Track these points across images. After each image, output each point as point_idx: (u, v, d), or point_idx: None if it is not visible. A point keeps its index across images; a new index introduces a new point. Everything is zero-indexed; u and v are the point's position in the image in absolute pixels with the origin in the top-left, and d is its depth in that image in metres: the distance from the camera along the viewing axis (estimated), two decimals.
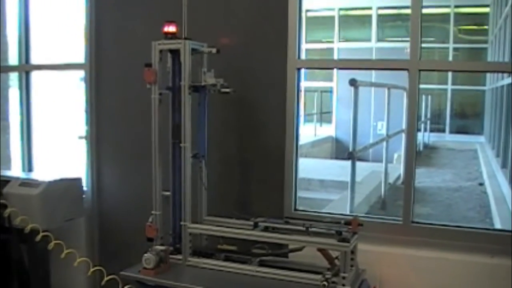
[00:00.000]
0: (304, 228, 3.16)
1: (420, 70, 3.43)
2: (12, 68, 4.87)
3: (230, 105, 3.79)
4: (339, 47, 16.18)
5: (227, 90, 3.34)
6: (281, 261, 3.24)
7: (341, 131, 15.00)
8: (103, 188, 4.42)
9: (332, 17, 16.24)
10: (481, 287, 3.24)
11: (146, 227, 3.29)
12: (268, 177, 3.82)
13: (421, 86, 3.51)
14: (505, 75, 8.81)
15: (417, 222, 3.54)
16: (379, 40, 16.01)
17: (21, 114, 4.89)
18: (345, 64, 4.89)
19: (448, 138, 16.09)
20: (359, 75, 6.96)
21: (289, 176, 3.75)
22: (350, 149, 7.11)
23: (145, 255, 3.07)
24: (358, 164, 7.48)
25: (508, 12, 9.21)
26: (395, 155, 11.76)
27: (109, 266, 3.37)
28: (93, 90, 4.37)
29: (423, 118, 14.57)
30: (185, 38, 3.21)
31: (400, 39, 14.25)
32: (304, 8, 3.76)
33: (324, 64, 6.02)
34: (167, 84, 3.28)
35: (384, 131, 10.13)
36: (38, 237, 3.59)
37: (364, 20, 16.35)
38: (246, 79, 3.76)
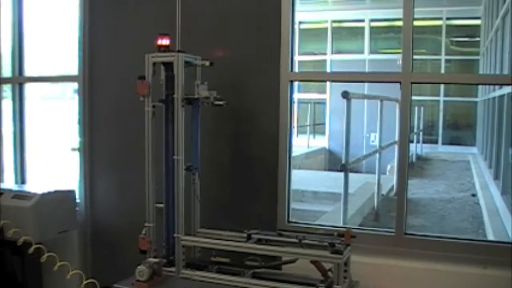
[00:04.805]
0: (297, 240, 3.17)
1: (412, 83, 3.46)
2: (5, 80, 4.87)
3: (223, 118, 3.80)
4: (332, 59, 16.23)
5: (220, 102, 3.35)
6: (274, 273, 3.24)
7: (334, 143, 15.00)
8: (96, 200, 4.41)
9: (325, 29, 16.31)
10: None
11: (139, 240, 3.29)
12: (261, 189, 3.83)
13: (414, 97, 3.53)
14: (497, 86, 8.86)
15: (410, 234, 3.56)
16: (371, 52, 16.08)
17: (14, 125, 4.88)
18: (337, 77, 4.92)
19: (440, 149, 16.12)
20: (352, 87, 6.99)
21: (282, 188, 3.76)
22: (343, 161, 7.11)
23: (139, 267, 3.07)
24: (351, 175, 7.48)
25: (499, 24, 9.28)
26: (388, 166, 11.77)
27: (102, 278, 3.38)
28: (87, 102, 4.37)
29: (415, 130, 14.62)
30: (179, 51, 3.22)
31: (392, 50, 14.33)
32: (297, 20, 3.78)
33: (317, 76, 6.06)
34: (160, 97, 3.29)
35: (377, 143, 10.15)
36: (31, 250, 3.59)
37: (357, 32, 16.43)
38: (239, 91, 3.78)
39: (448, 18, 15.58)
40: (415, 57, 3.49)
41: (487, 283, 3.24)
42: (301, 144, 14.25)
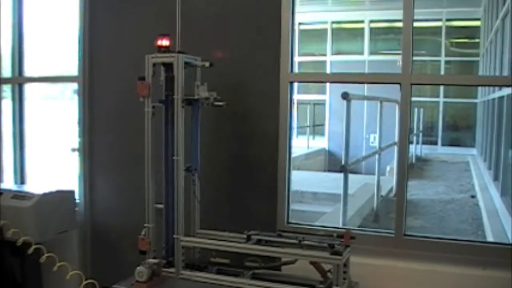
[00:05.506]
0: (297, 241, 3.16)
1: (412, 84, 3.46)
2: (5, 80, 4.87)
3: (223, 118, 3.80)
4: (332, 60, 16.24)
5: (220, 103, 3.35)
6: (273, 274, 3.24)
7: (334, 144, 15.01)
8: (96, 200, 4.41)
9: (325, 30, 16.32)
10: None
11: (139, 240, 3.29)
12: (261, 190, 3.83)
13: (413, 98, 3.53)
14: (496, 88, 8.86)
15: (410, 235, 3.55)
16: (371, 53, 16.08)
17: (14, 126, 4.88)
18: (337, 78, 4.91)
19: (440, 151, 16.13)
20: (351, 88, 7.00)
21: (282, 189, 3.76)
22: (343, 162, 7.12)
23: (138, 268, 3.06)
24: (351, 176, 7.48)
25: (499, 26, 9.29)
26: (388, 168, 11.78)
27: (101, 279, 3.38)
28: (86, 102, 4.37)
29: (415, 131, 14.62)
30: (179, 52, 3.22)
31: (392, 52, 14.33)
32: (296, 21, 3.78)
33: (317, 78, 6.04)
34: (160, 97, 3.29)
35: (376, 144, 10.16)
36: (31, 250, 3.59)
37: (357, 33, 16.44)
38: (239, 92, 3.78)
39: (448, 20, 15.59)
40: (415, 58, 3.49)
41: (486, 284, 3.24)
42: (300, 145, 14.26)
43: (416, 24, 3.46)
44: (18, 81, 4.84)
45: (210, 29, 3.90)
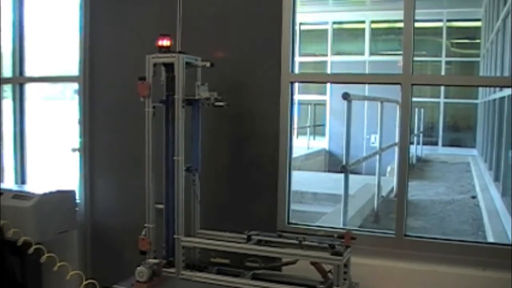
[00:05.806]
0: (297, 242, 3.16)
1: (412, 85, 3.46)
2: (6, 80, 4.87)
3: (224, 119, 3.80)
4: (333, 60, 16.25)
5: (221, 103, 3.35)
6: (274, 275, 3.24)
7: (334, 144, 15.01)
8: (96, 200, 4.41)
9: (326, 31, 16.32)
10: None
11: (139, 240, 3.29)
12: (262, 191, 3.83)
13: (414, 99, 3.53)
14: (497, 88, 8.86)
15: (410, 236, 3.55)
16: (372, 53, 16.08)
17: (14, 126, 4.88)
18: (338, 78, 4.91)
19: (440, 151, 16.13)
20: (352, 88, 6.99)
21: (283, 189, 3.76)
22: (343, 162, 7.11)
23: (138, 268, 3.06)
24: (351, 177, 7.47)
25: (500, 26, 9.29)
26: (388, 168, 11.77)
27: (102, 279, 3.37)
28: (87, 102, 4.37)
29: (416, 131, 14.62)
30: (179, 52, 3.22)
31: (393, 52, 14.33)
32: (297, 21, 3.78)
33: (318, 78, 6.04)
34: (161, 97, 3.28)
35: (377, 144, 10.15)
36: (31, 250, 3.59)
37: (358, 34, 16.44)
38: (240, 92, 3.78)
39: (448, 20, 15.59)
40: (415, 58, 3.49)
41: (486, 285, 3.23)
42: (301, 145, 14.25)
43: (417, 24, 3.46)
44: (18, 81, 4.84)
45: (211, 29, 3.90)
